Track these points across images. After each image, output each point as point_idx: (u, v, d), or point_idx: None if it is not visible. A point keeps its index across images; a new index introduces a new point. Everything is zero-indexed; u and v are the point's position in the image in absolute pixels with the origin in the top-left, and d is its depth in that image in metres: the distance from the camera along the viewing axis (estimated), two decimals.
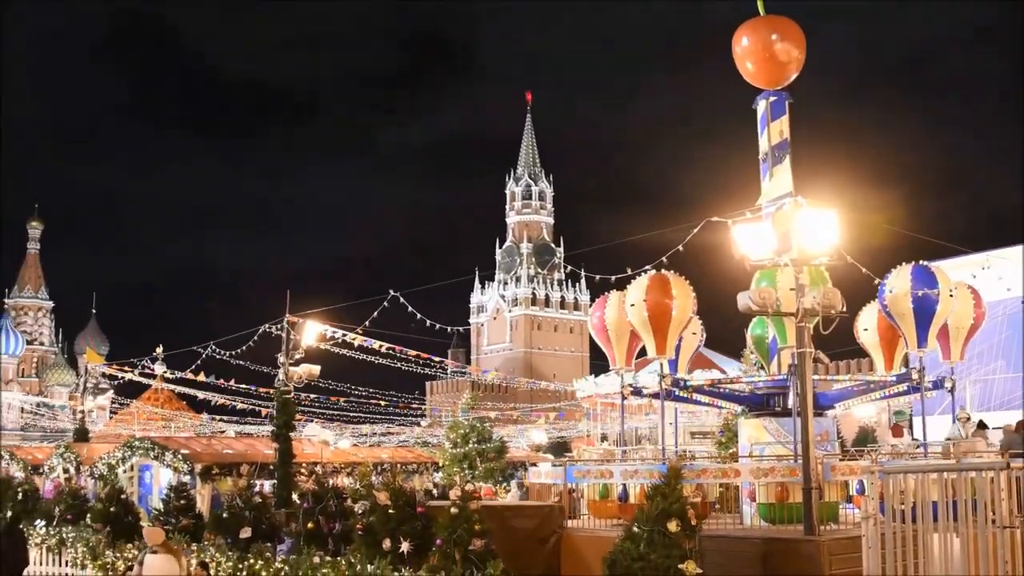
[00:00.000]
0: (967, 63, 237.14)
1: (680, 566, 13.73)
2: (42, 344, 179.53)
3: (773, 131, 21.98)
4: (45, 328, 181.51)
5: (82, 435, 44.53)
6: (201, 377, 41.28)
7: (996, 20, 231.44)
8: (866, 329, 23.98)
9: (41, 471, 38.27)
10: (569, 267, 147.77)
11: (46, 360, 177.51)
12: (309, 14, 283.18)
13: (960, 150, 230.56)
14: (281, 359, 28.20)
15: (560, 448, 51.91)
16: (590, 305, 28.29)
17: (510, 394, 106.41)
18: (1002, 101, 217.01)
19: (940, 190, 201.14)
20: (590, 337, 28.40)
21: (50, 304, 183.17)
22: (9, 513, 31.44)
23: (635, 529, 14.37)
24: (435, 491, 34.29)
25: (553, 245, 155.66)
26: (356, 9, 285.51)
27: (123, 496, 27.48)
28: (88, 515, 27.94)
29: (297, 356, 28.00)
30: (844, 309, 17.66)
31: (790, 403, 20.80)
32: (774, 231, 17.90)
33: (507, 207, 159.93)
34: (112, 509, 25.99)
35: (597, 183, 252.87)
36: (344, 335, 30.24)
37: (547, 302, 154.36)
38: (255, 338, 31.60)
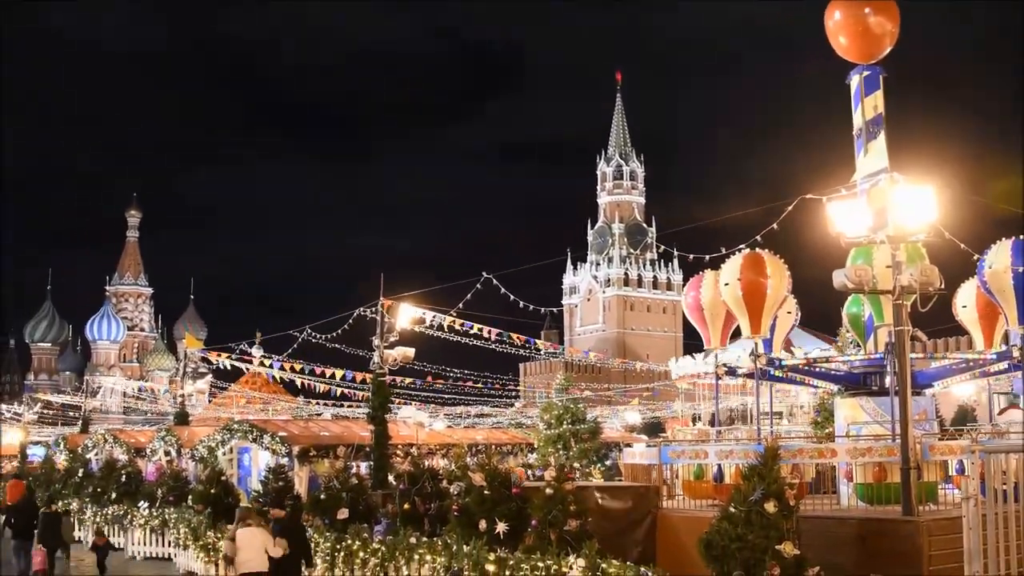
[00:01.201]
0: None
1: (778, 547, 13.64)
2: (142, 330, 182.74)
3: (867, 106, 21.66)
4: (145, 314, 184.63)
5: (182, 419, 45.27)
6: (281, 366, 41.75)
7: None
8: (965, 306, 23.61)
9: (144, 454, 39.00)
10: (662, 247, 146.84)
11: (146, 346, 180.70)
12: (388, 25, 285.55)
13: None
14: (376, 342, 28.40)
15: (654, 428, 51.85)
16: (683, 285, 28.11)
17: (603, 375, 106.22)
18: None
19: None
20: (684, 317, 28.22)
21: (149, 291, 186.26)
22: (48, 494, 32.25)
23: (732, 509, 14.30)
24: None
25: (645, 225, 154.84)
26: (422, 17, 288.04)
27: (223, 478, 27.95)
28: (189, 496, 28.48)
29: (392, 339, 28.16)
30: (942, 286, 17.40)
31: (887, 382, 20.54)
32: (869, 208, 17.68)
33: (598, 187, 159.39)
34: (212, 491, 26.45)
35: (689, 161, 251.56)
36: (434, 316, 30.34)
37: (640, 282, 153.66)
38: (350, 321, 31.87)
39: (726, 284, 22.65)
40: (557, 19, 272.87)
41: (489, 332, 33.33)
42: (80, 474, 38.50)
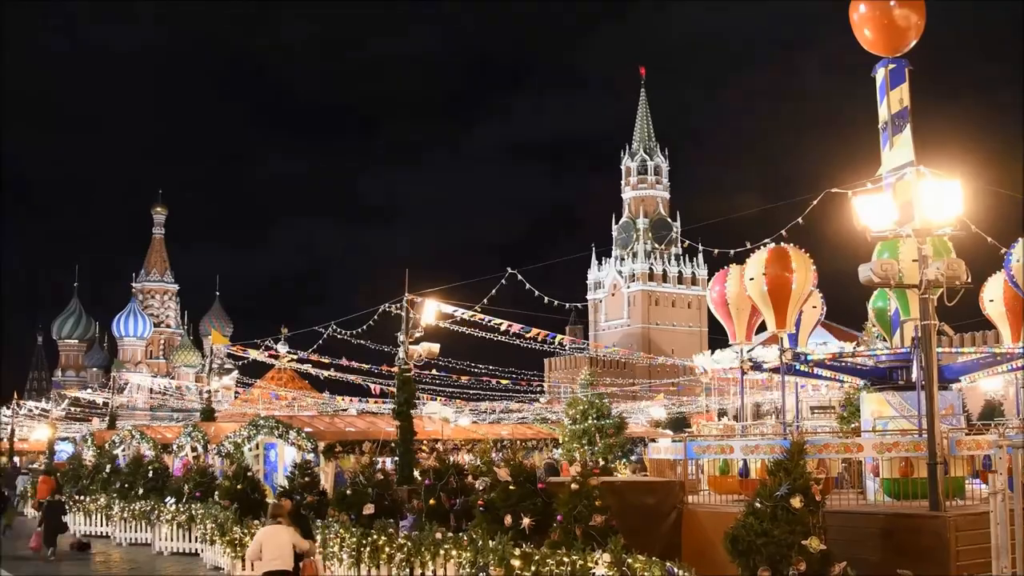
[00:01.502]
0: None
1: (804, 542, 13.61)
2: (168, 326, 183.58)
3: (893, 99, 21.53)
4: (171, 311, 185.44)
5: (209, 415, 45.45)
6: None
7: None
8: (992, 300, 23.49)
9: (170, 450, 39.18)
10: (686, 241, 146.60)
11: (173, 342, 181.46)
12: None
13: None
14: (401, 338, 28.45)
15: (679, 424, 51.77)
16: (708, 280, 28.08)
17: (628, 370, 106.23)
18: None
19: None
20: (709, 312, 28.21)
21: (175, 287, 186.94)
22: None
23: (758, 505, 14.27)
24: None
25: (669, 220, 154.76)
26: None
27: (249, 474, 28.02)
28: (216, 492, 28.56)
29: (417, 335, 28.21)
30: (969, 280, 17.31)
31: (914, 376, 20.45)
32: (895, 202, 17.61)
33: (622, 183, 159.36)
34: (239, 486, 26.52)
35: (713, 156, 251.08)
36: (455, 310, 30.33)
37: (664, 277, 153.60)
38: (375, 317, 31.92)
39: (751, 279, 22.59)
40: (569, 18, 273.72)
41: (514, 327, 33.33)
42: (108, 470, 38.68)
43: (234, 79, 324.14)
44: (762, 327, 24.58)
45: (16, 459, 71.44)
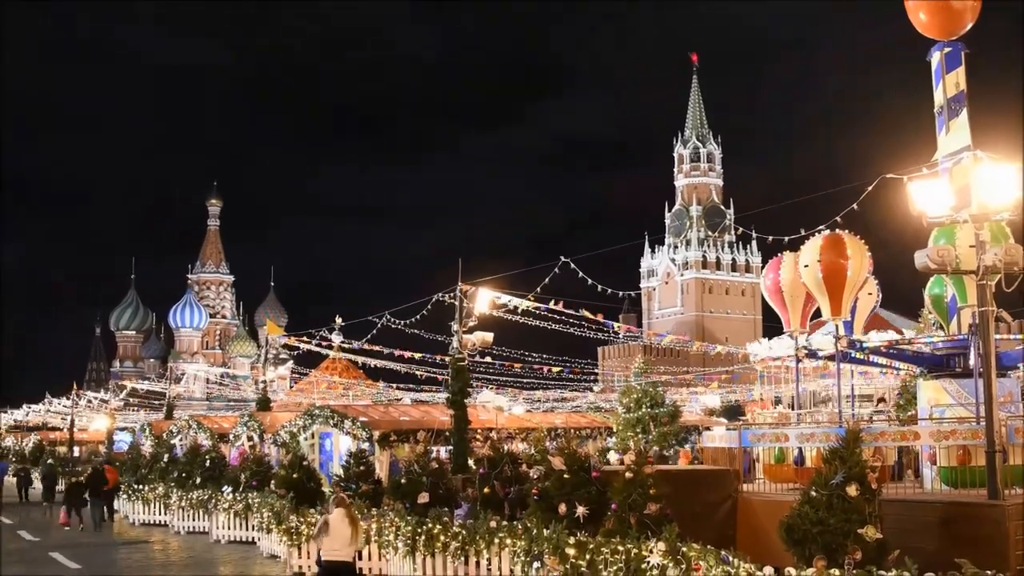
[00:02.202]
0: None
1: (859, 531, 13.54)
2: (224, 317, 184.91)
3: (948, 83, 21.33)
4: (227, 302, 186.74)
5: (264, 404, 45.78)
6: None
7: None
8: None
9: (227, 439, 39.51)
10: (740, 229, 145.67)
11: (228, 332, 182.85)
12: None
13: None
14: (455, 327, 28.50)
15: (733, 412, 51.48)
16: (762, 267, 27.92)
17: (682, 358, 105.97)
18: None
19: None
20: (763, 299, 28.02)
21: (231, 278, 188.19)
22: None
23: (813, 493, 14.22)
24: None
25: (723, 207, 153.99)
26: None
27: (305, 463, 28.20)
28: (272, 481, 28.78)
29: (470, 324, 28.24)
30: None
31: (971, 363, 20.26)
32: (952, 187, 17.42)
33: (675, 170, 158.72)
34: (295, 475, 26.71)
35: (767, 143, 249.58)
36: (508, 300, 30.31)
37: (718, 265, 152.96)
38: (428, 307, 31.99)
39: (806, 266, 22.46)
40: (620, 6, 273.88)
41: (567, 316, 33.26)
42: (165, 459, 39.09)
43: (286, 80, 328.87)
44: (817, 314, 24.41)
45: (76, 449, 72.40)
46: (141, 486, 36.75)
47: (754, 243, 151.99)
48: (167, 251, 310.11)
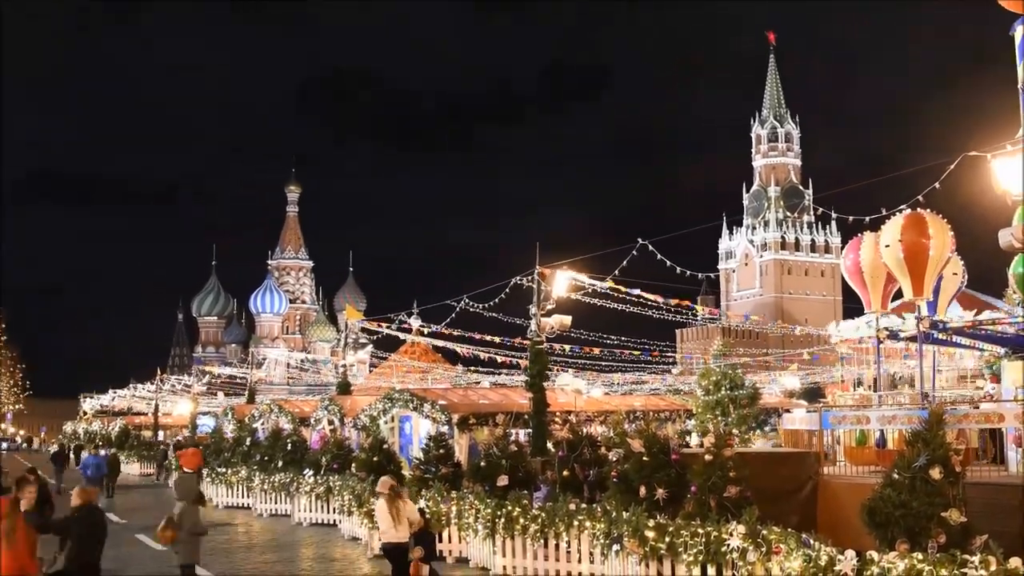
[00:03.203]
0: None
1: (943, 514, 13.39)
2: (304, 302, 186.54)
3: None
4: (306, 287, 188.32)
5: (344, 388, 46.10)
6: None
7: None
8: None
9: (308, 423, 39.88)
10: (819, 209, 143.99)
11: (308, 317, 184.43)
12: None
13: None
14: (533, 310, 28.50)
15: (814, 394, 51.06)
16: (842, 248, 27.66)
17: (761, 340, 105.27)
18: None
19: None
20: (843, 280, 27.73)
21: (310, 264, 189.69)
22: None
23: (895, 476, 14.07)
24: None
25: (801, 187, 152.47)
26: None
27: (385, 446, 28.38)
28: (352, 464, 29.01)
29: (548, 307, 28.24)
30: None
31: None
32: None
33: (753, 151, 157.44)
34: (375, 458, 26.89)
35: (846, 121, 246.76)
36: (586, 282, 30.21)
37: (797, 246, 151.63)
38: (507, 290, 32.02)
39: (887, 246, 22.21)
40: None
41: (645, 298, 33.14)
42: (248, 443, 39.57)
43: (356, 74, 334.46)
44: (898, 294, 24.13)
45: (160, 433, 73.49)
46: (224, 470, 37.25)
47: (833, 223, 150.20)
48: (247, 237, 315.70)
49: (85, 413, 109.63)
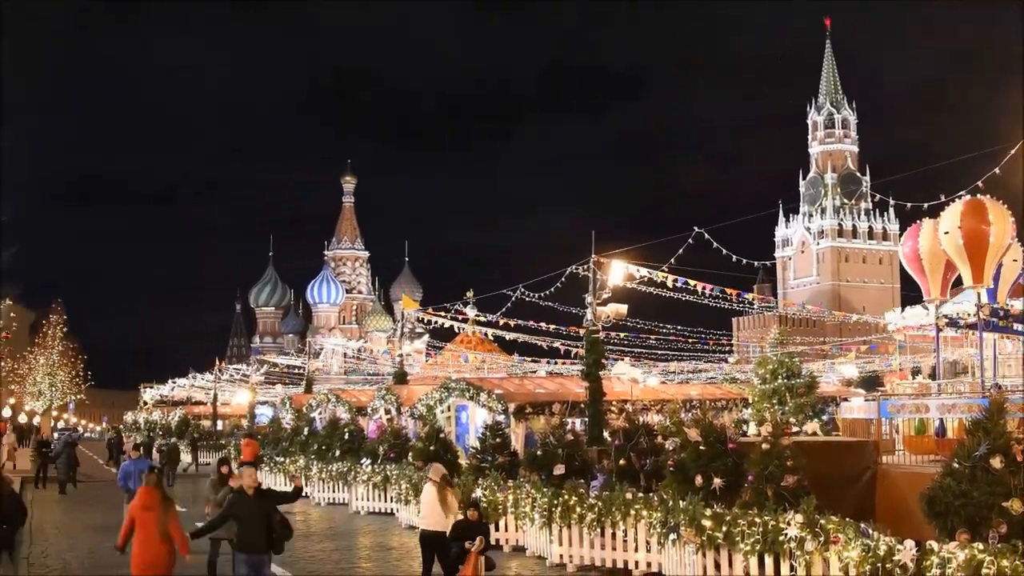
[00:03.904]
0: None
1: (1004, 504, 13.27)
2: (360, 292, 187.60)
3: None
4: (362, 277, 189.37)
5: (401, 378, 46.29)
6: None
7: None
8: None
9: (365, 412, 40.10)
10: (877, 196, 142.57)
11: (364, 307, 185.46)
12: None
13: None
14: (588, 299, 28.47)
15: (872, 382, 50.70)
16: (900, 235, 27.43)
17: (818, 328, 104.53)
18: None
19: None
20: (901, 267, 27.52)
21: (366, 254, 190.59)
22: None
23: (955, 465, 13.96)
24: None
25: (858, 174, 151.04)
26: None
27: (441, 435, 28.51)
28: (409, 453, 29.17)
29: (604, 296, 28.20)
30: None
31: None
32: None
33: (809, 137, 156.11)
34: (432, 447, 27.02)
35: (903, 106, 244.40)
36: (642, 271, 30.12)
37: (854, 233, 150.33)
38: (562, 279, 31.98)
39: (946, 232, 22.01)
40: None
41: (702, 287, 33.01)
42: (305, 432, 39.83)
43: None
44: (958, 282, 23.90)
45: (219, 422, 74.14)
46: (282, 459, 37.54)
47: (891, 210, 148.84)
48: (304, 228, 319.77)
49: (145, 403, 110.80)
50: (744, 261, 32.89)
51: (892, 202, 28.67)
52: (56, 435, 69.44)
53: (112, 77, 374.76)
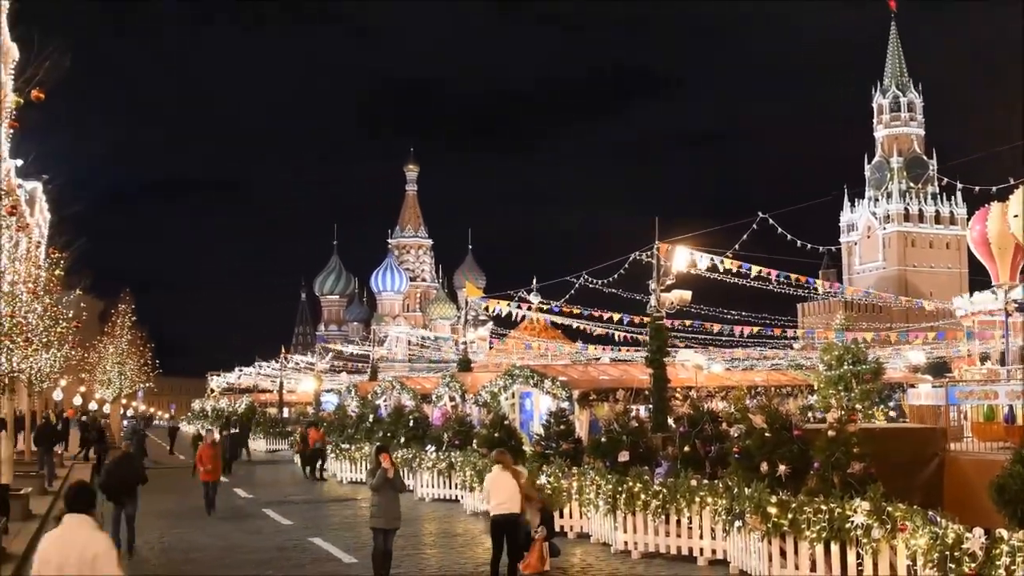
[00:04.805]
0: None
1: None
2: (424, 280, 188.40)
3: None
4: (426, 265, 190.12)
5: (465, 365, 46.43)
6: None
7: None
8: None
9: (429, 400, 40.28)
10: (944, 180, 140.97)
11: (428, 295, 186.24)
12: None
13: None
14: (652, 286, 28.41)
15: (939, 369, 50.20)
16: (968, 219, 27.14)
17: (885, 314, 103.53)
18: None
19: None
20: (969, 252, 27.21)
21: (429, 242, 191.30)
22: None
23: None
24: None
25: (925, 157, 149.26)
26: None
27: (506, 422, 28.57)
28: (474, 440, 29.28)
29: (668, 282, 28.12)
30: None
31: None
32: None
33: (874, 121, 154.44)
34: (496, 434, 27.07)
35: (971, 88, 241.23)
36: (706, 257, 29.99)
37: (921, 217, 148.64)
38: (625, 266, 31.92)
39: (1015, 215, 21.78)
40: None
41: (767, 273, 32.83)
42: (370, 420, 40.09)
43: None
44: None
45: (285, 410, 74.83)
46: (348, 446, 37.83)
47: (959, 194, 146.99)
48: (367, 217, 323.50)
49: (212, 391, 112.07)
50: (809, 246, 32.69)
51: (959, 186, 28.29)
52: (124, 423, 70.55)
53: (185, 81, 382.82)
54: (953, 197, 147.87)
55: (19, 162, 26.70)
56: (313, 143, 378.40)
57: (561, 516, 21.62)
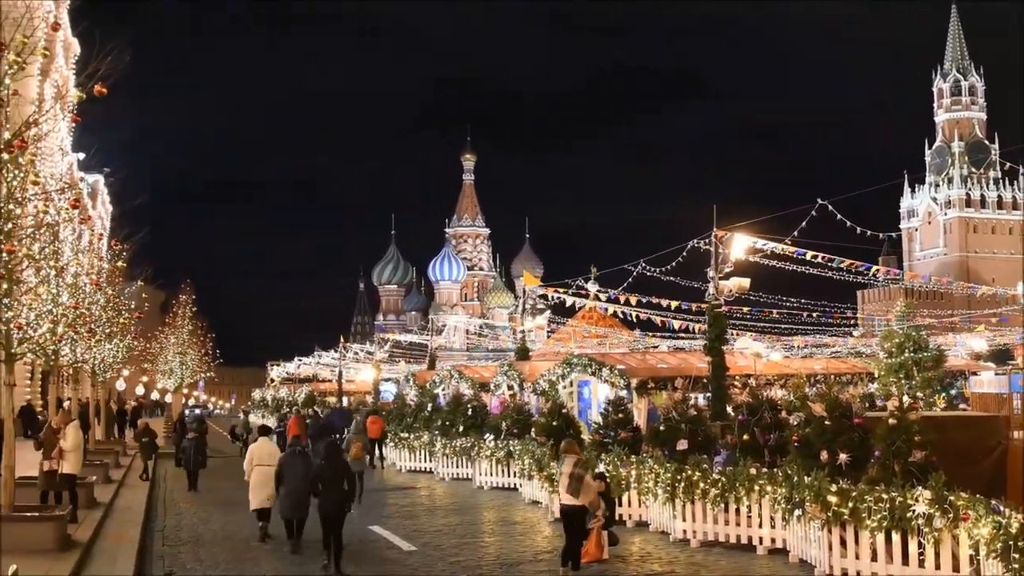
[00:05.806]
0: None
1: None
2: (481, 269, 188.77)
3: None
4: (483, 254, 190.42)
5: (523, 354, 46.48)
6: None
7: None
8: None
9: (488, 388, 40.37)
10: (1007, 164, 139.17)
11: (485, 284, 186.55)
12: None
13: None
14: (711, 273, 28.29)
15: (1003, 356, 49.63)
16: None
17: (946, 301, 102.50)
18: None
19: None
20: None
21: (487, 231, 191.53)
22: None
23: None
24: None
25: (987, 142, 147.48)
26: None
27: (564, 411, 28.56)
28: (532, 429, 29.32)
29: (726, 270, 27.99)
30: None
31: None
32: None
33: (935, 105, 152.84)
34: (554, 423, 27.08)
35: None
36: (765, 244, 29.80)
37: (983, 203, 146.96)
38: (684, 254, 31.78)
39: None
40: None
41: (826, 259, 32.57)
42: (429, 408, 40.24)
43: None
44: None
45: (344, 399, 75.25)
46: (407, 435, 37.99)
47: (1022, 178, 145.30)
48: (425, 206, 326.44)
49: (272, 380, 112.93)
50: (868, 233, 32.40)
51: (1023, 170, 27.84)
52: (187, 412, 71.24)
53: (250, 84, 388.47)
54: (1016, 182, 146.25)
55: (81, 155, 27.01)
56: (371, 136, 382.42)
57: (620, 505, 21.61)
